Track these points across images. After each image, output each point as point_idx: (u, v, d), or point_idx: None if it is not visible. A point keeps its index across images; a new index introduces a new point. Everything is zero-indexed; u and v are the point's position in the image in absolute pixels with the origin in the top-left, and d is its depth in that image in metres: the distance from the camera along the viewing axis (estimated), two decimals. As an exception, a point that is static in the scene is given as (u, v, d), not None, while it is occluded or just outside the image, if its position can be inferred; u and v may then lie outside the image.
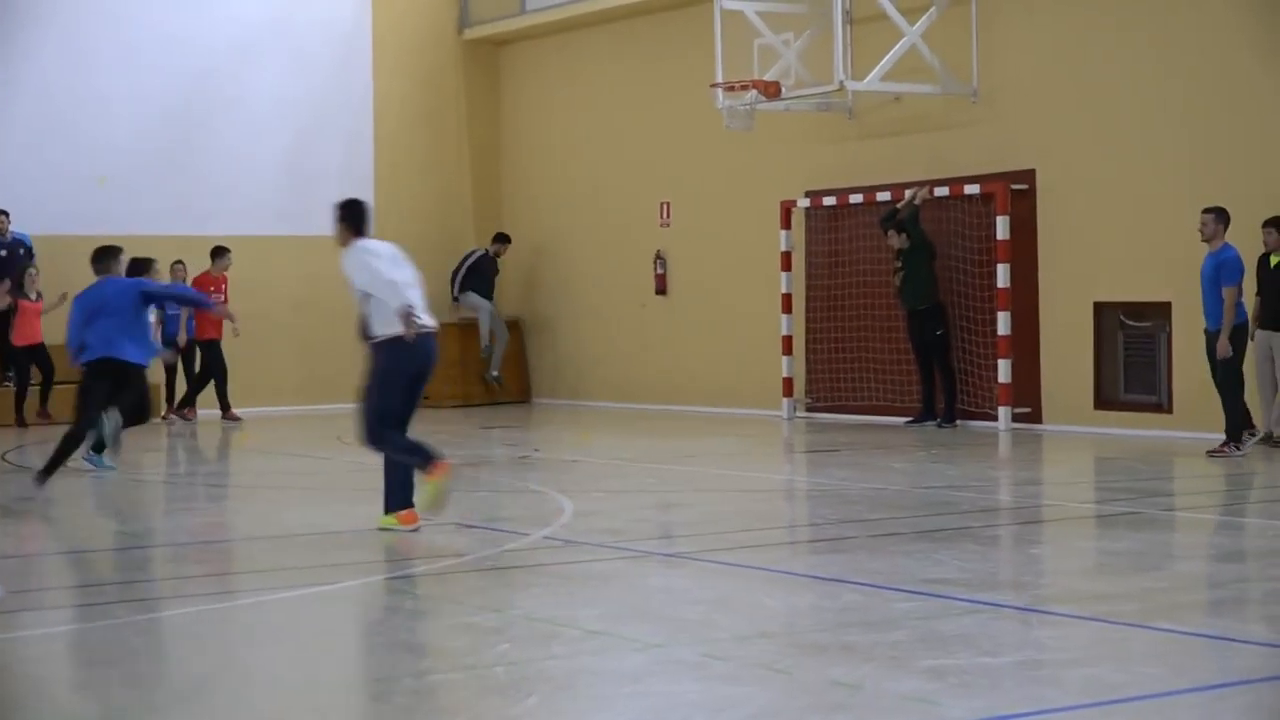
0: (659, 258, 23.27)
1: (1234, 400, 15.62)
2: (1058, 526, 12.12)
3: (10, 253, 21.56)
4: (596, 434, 19.84)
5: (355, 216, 11.66)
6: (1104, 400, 18.40)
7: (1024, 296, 18.92)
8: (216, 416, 22.00)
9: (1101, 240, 18.28)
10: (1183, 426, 17.34)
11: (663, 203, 23.24)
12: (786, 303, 21.18)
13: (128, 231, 22.10)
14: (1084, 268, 18.46)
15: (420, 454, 11.37)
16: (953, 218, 19.51)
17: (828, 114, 20.50)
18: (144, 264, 16.46)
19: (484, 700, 7.07)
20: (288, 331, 23.48)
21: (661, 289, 23.29)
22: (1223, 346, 15.47)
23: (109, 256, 14.81)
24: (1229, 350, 15.45)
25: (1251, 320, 15.95)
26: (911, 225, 19.37)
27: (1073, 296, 18.57)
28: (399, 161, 24.94)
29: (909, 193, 19.50)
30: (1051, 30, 18.74)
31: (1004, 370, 18.92)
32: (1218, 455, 15.51)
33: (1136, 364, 18.20)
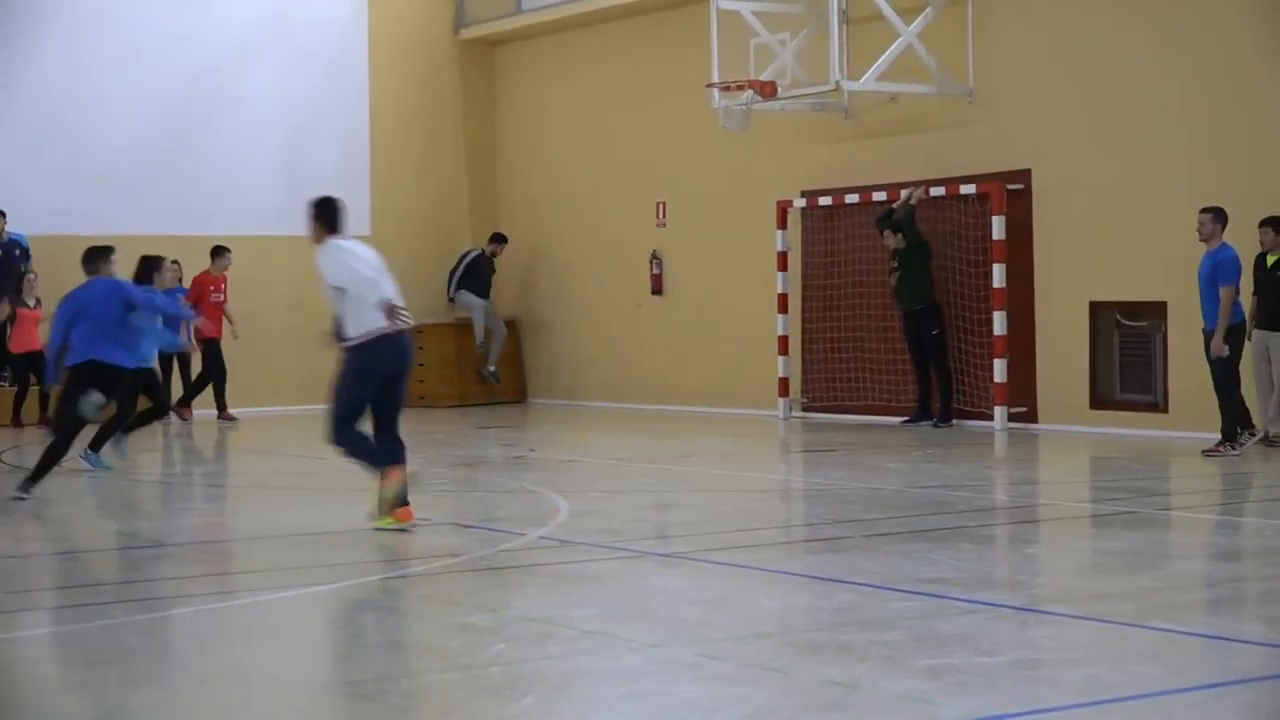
0: (655, 258, 23.27)
1: (1230, 400, 15.64)
2: (1054, 526, 12.13)
3: (6, 254, 21.51)
4: (593, 434, 19.83)
5: (329, 214, 11.72)
6: (1100, 400, 18.41)
7: (1020, 296, 18.93)
8: (212, 416, 21.99)
9: (1097, 240, 18.28)
10: (1178, 426, 17.35)
11: (659, 203, 23.24)
12: (782, 303, 21.19)
13: (126, 231, 22.08)
14: (1080, 267, 18.46)
15: (375, 457, 11.55)
16: (949, 218, 19.52)
17: (824, 114, 20.51)
18: (154, 262, 16.41)
19: (479, 700, 7.07)
20: (285, 331, 23.46)
21: (658, 289, 23.29)
22: (1216, 345, 15.49)
23: (98, 257, 14.70)
24: (1224, 349, 15.46)
25: (1248, 320, 15.96)
26: (907, 225, 19.37)
27: (1068, 296, 18.57)
28: (395, 161, 24.95)
29: (904, 193, 19.52)
30: (1047, 30, 18.75)
31: (1000, 370, 18.92)
32: (1213, 455, 15.52)
33: (1132, 364, 18.21)
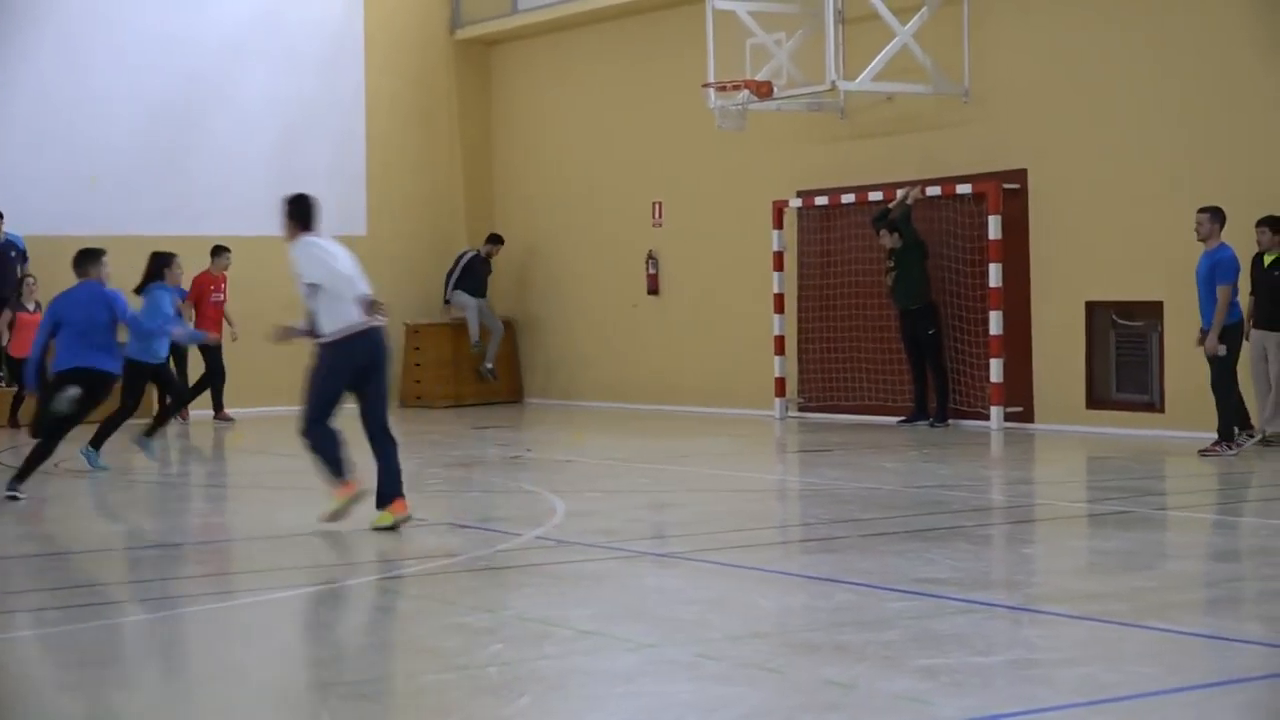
0: (651, 258, 23.27)
1: (1227, 400, 15.63)
2: (1050, 526, 12.12)
3: (2, 255, 21.49)
4: (589, 434, 19.83)
5: (303, 212, 11.83)
6: (1096, 400, 18.41)
7: (1016, 296, 18.94)
8: (208, 417, 21.96)
9: (1093, 240, 18.29)
10: (1175, 426, 17.36)
11: (655, 203, 23.23)
12: (779, 303, 21.19)
13: (121, 232, 22.08)
14: (1076, 267, 18.47)
15: (335, 466, 11.65)
16: (945, 217, 19.51)
17: (820, 114, 20.50)
18: (165, 259, 16.40)
19: (476, 700, 7.06)
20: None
21: (654, 289, 23.28)
22: (1211, 344, 15.49)
23: (88, 260, 14.62)
24: (1219, 348, 15.46)
25: (1246, 319, 15.96)
26: (904, 225, 19.37)
27: (1065, 296, 18.58)
28: (391, 161, 24.94)
29: (900, 192, 19.51)
30: (1043, 30, 18.76)
31: (996, 370, 18.92)
32: (1210, 454, 15.52)
33: (1128, 363, 18.22)
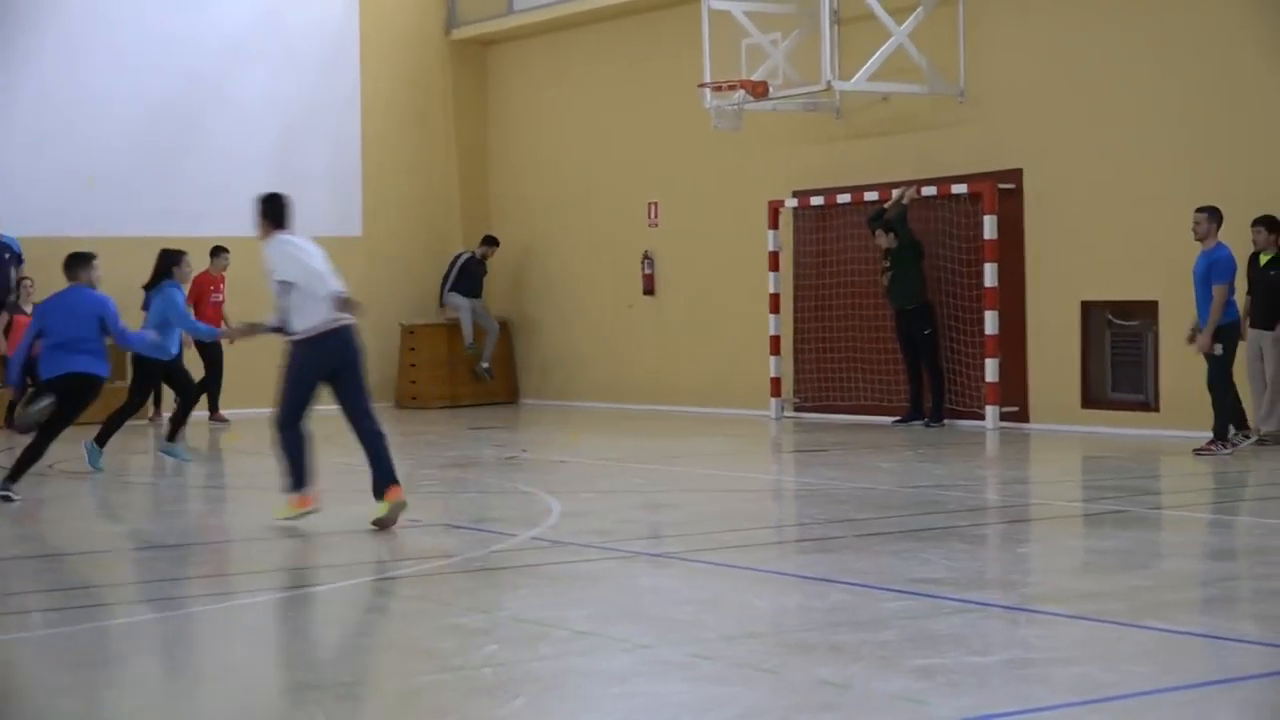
0: (647, 258, 23.26)
1: (1223, 399, 15.62)
2: (1046, 525, 12.12)
3: (-3, 257, 21.47)
4: (584, 434, 19.82)
5: (277, 210, 11.94)
6: (1091, 399, 18.41)
7: (1011, 296, 18.93)
8: (204, 418, 21.93)
9: (1089, 239, 18.28)
10: (1170, 425, 17.36)
11: (650, 203, 23.23)
12: (774, 303, 21.18)
13: (119, 233, 22.08)
14: (1071, 267, 18.46)
15: (298, 475, 11.79)
16: (940, 217, 19.51)
17: (815, 114, 20.50)
18: (174, 256, 16.29)
19: (471, 701, 7.06)
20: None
21: (649, 289, 23.27)
22: (1203, 342, 15.50)
23: (78, 264, 14.55)
24: (1215, 347, 15.46)
25: (1243, 318, 15.96)
26: (900, 225, 19.36)
27: (1060, 296, 18.57)
28: (387, 161, 24.94)
29: (896, 192, 19.51)
30: (1038, 30, 18.75)
31: (991, 369, 18.92)
32: (1205, 454, 15.51)
33: (1124, 363, 18.21)
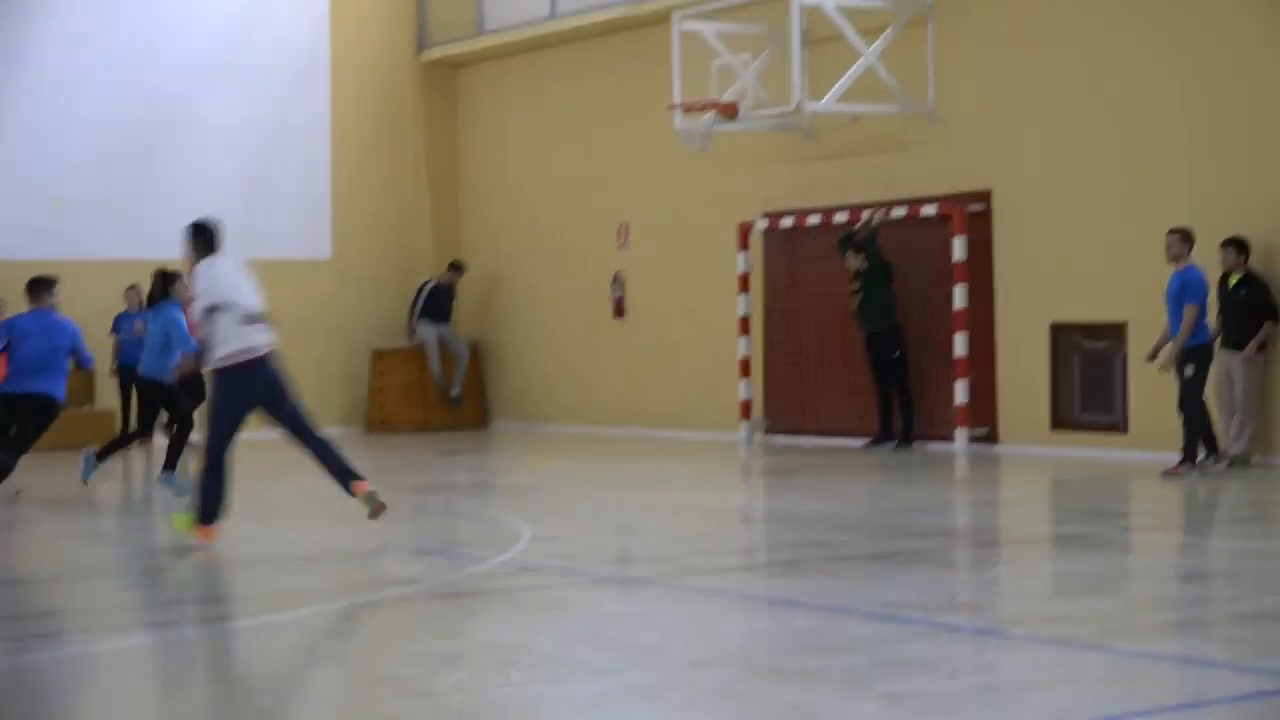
0: (617, 280, 23.24)
1: (1193, 420, 15.63)
2: (1015, 549, 12.11)
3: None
4: (555, 458, 19.78)
5: (208, 238, 12.19)
6: (1060, 421, 18.41)
7: (981, 317, 18.95)
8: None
9: (1058, 261, 18.31)
10: (1139, 446, 17.37)
11: (621, 225, 23.21)
12: (744, 325, 21.18)
13: (86, 255, 21.99)
14: (1040, 288, 18.48)
15: (208, 508, 11.96)
16: (910, 239, 19.53)
17: (785, 135, 20.50)
18: (172, 278, 16.07)
19: (439, 729, 7.02)
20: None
21: (620, 311, 23.25)
22: (1164, 358, 15.54)
23: (41, 289, 14.63)
24: (1171, 363, 15.49)
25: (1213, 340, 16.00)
26: (869, 246, 19.37)
27: (1029, 317, 18.59)
28: (357, 183, 24.88)
29: (866, 214, 19.51)
30: (1008, 52, 18.79)
31: (961, 391, 18.93)
32: (1173, 476, 15.52)
33: (1093, 385, 18.22)
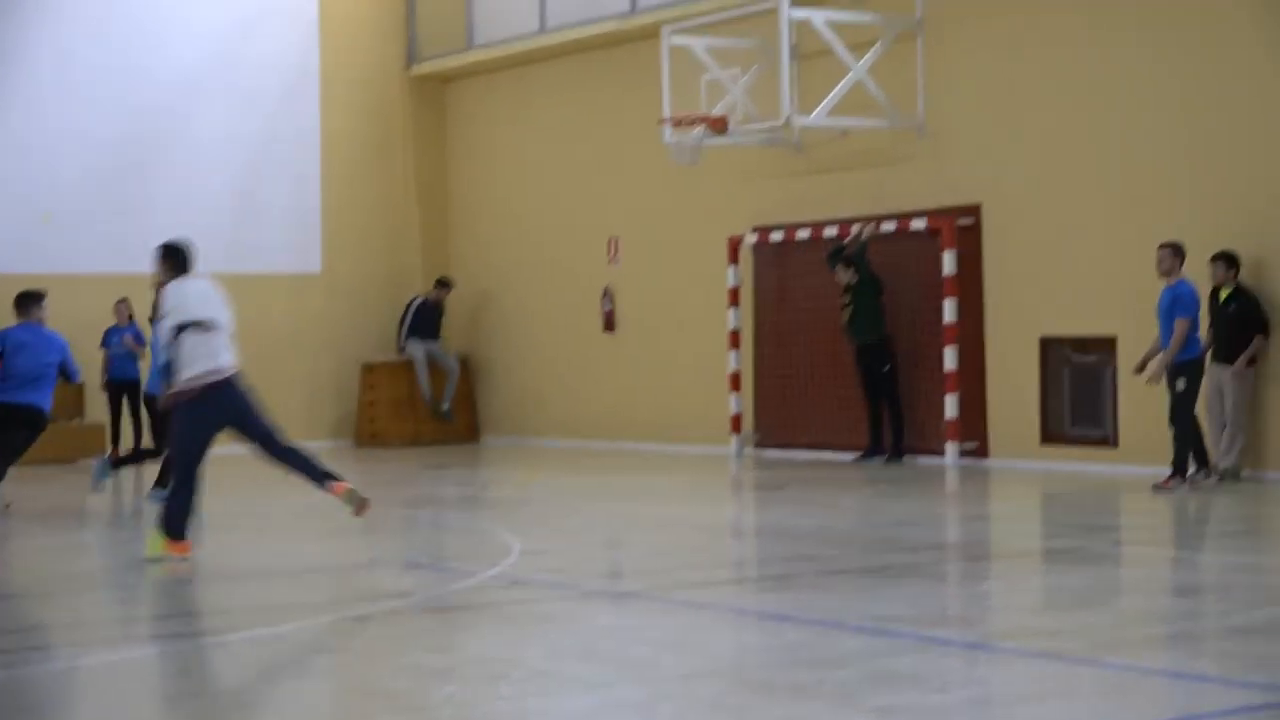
0: (607, 294, 23.24)
1: (1184, 434, 15.63)
2: (1005, 562, 12.11)
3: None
4: (545, 472, 19.77)
5: (177, 258, 12.17)
6: (1050, 435, 18.42)
7: (970, 331, 18.96)
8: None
9: (1048, 275, 18.32)
10: (1129, 461, 17.38)
11: (611, 239, 23.22)
12: (734, 338, 21.18)
13: (76, 269, 21.96)
14: (1030, 302, 18.50)
15: (178, 523, 11.90)
16: (900, 252, 19.54)
17: (775, 149, 20.52)
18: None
19: (429, 743, 7.01)
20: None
21: (610, 325, 23.25)
22: (1151, 371, 15.56)
23: (30, 302, 14.69)
24: (1159, 376, 15.50)
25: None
26: (859, 260, 19.39)
27: (1019, 331, 18.60)
28: (346, 198, 24.86)
29: (856, 228, 19.52)
30: (997, 65, 18.82)
31: (951, 405, 18.93)
32: (1163, 489, 15.53)
33: (1083, 399, 18.23)
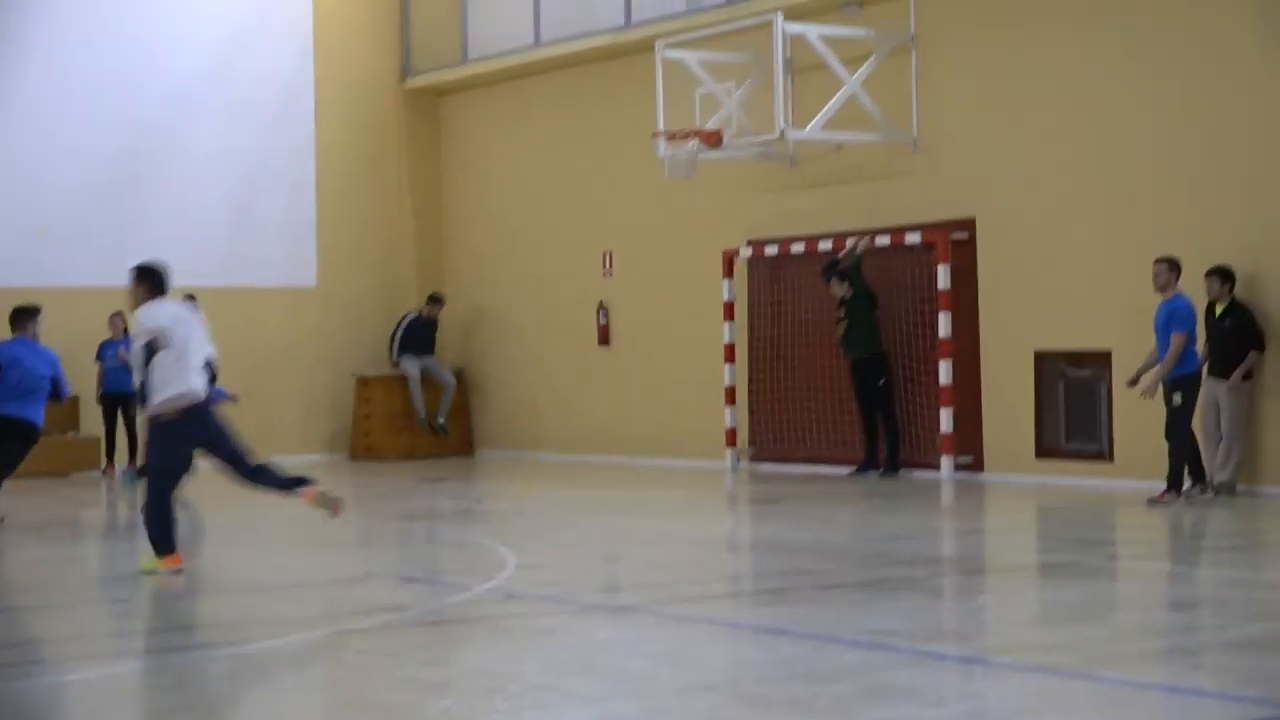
0: (602, 308, 23.24)
1: (1179, 449, 15.65)
2: (1001, 577, 12.12)
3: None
4: (540, 486, 19.76)
5: (154, 280, 12.27)
6: (1045, 449, 18.43)
7: (965, 345, 18.97)
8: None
9: (1042, 289, 18.34)
10: (1124, 475, 17.39)
11: (605, 252, 23.22)
12: (729, 352, 21.20)
13: (72, 283, 21.94)
14: (1025, 317, 18.52)
15: (167, 537, 11.97)
16: (894, 267, 19.56)
17: (769, 163, 20.54)
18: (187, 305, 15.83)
19: (426, 757, 7.01)
20: (227, 383, 23.26)
21: (604, 339, 23.25)
22: (1146, 385, 15.58)
23: (26, 317, 14.70)
24: (1154, 391, 15.52)
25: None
26: (854, 274, 19.40)
27: (1014, 345, 18.62)
28: (341, 211, 24.85)
29: (850, 241, 19.54)
30: (991, 80, 18.84)
31: (946, 419, 18.94)
32: (1158, 504, 15.54)
33: (1078, 413, 18.24)
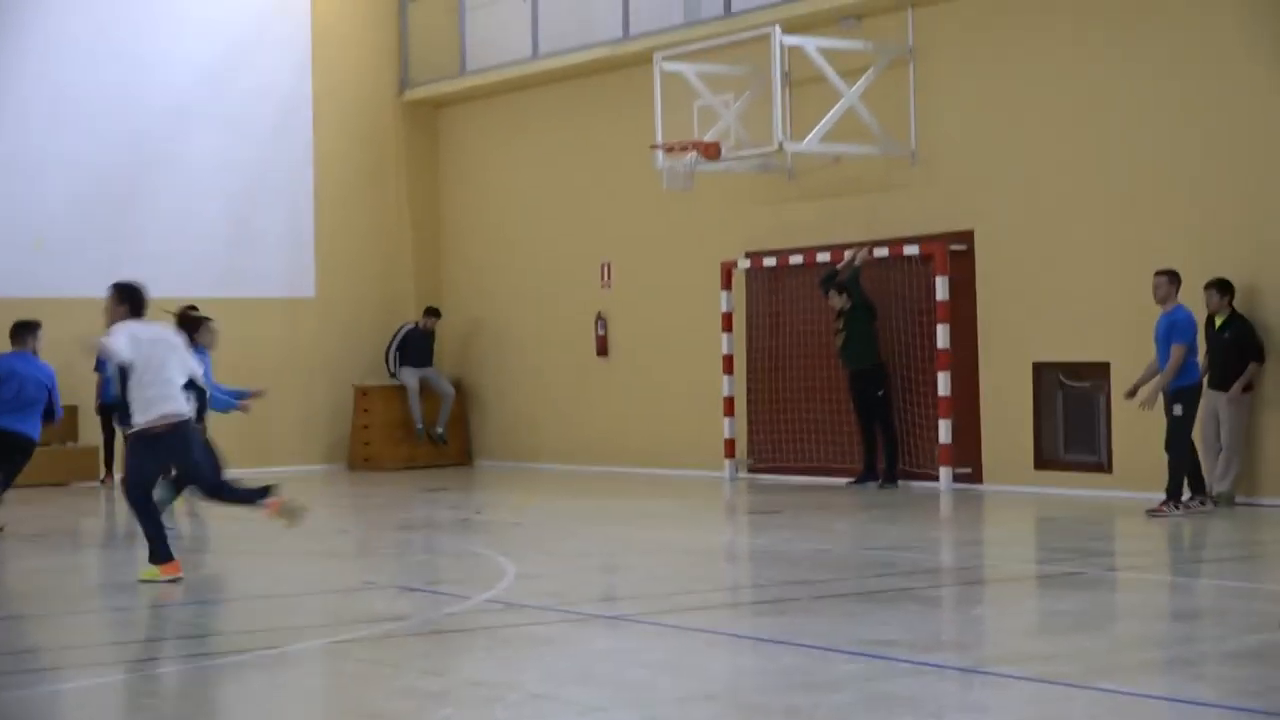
0: (600, 319, 23.25)
1: (1179, 460, 15.65)
2: (1000, 587, 12.12)
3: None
4: (539, 496, 19.76)
5: (133, 301, 12.18)
6: (1044, 460, 18.44)
7: (964, 357, 18.98)
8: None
9: (1040, 301, 18.36)
10: (1123, 486, 17.40)
11: (604, 264, 23.24)
12: (728, 363, 21.21)
13: (64, 294, 21.92)
14: (1023, 328, 18.53)
15: (161, 546, 12.05)
16: (892, 278, 19.58)
17: (767, 175, 20.57)
18: (196, 322, 15.34)
19: (425, 766, 7.00)
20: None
21: (603, 350, 23.25)
22: (1144, 396, 15.59)
23: (26, 332, 14.78)
24: (1153, 402, 15.53)
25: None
26: (853, 285, 19.42)
27: (1012, 357, 18.63)
28: (340, 223, 24.86)
29: (849, 253, 19.56)
30: (989, 92, 18.87)
31: (944, 430, 18.95)
32: (1157, 515, 15.55)
33: (1076, 424, 18.25)
